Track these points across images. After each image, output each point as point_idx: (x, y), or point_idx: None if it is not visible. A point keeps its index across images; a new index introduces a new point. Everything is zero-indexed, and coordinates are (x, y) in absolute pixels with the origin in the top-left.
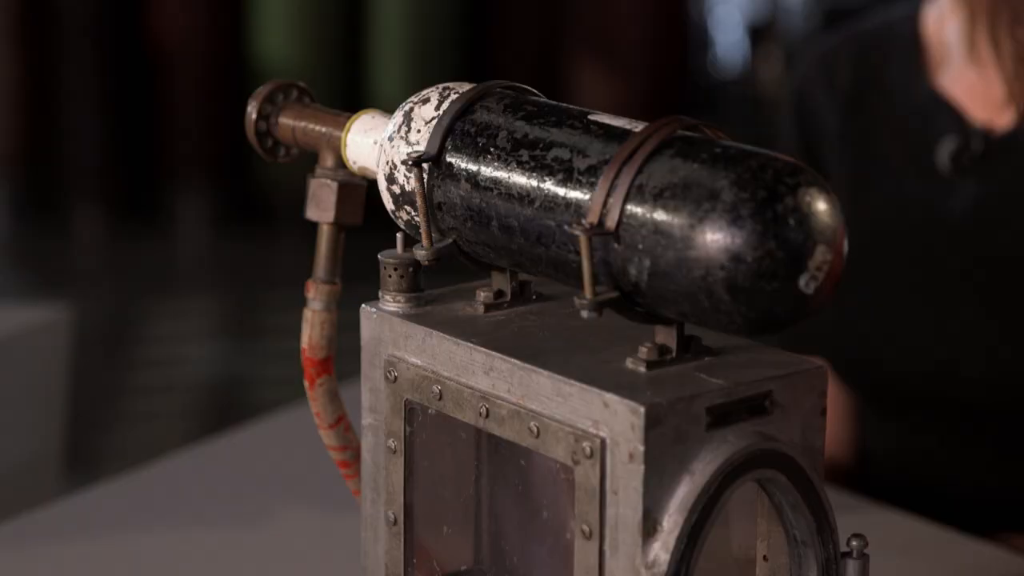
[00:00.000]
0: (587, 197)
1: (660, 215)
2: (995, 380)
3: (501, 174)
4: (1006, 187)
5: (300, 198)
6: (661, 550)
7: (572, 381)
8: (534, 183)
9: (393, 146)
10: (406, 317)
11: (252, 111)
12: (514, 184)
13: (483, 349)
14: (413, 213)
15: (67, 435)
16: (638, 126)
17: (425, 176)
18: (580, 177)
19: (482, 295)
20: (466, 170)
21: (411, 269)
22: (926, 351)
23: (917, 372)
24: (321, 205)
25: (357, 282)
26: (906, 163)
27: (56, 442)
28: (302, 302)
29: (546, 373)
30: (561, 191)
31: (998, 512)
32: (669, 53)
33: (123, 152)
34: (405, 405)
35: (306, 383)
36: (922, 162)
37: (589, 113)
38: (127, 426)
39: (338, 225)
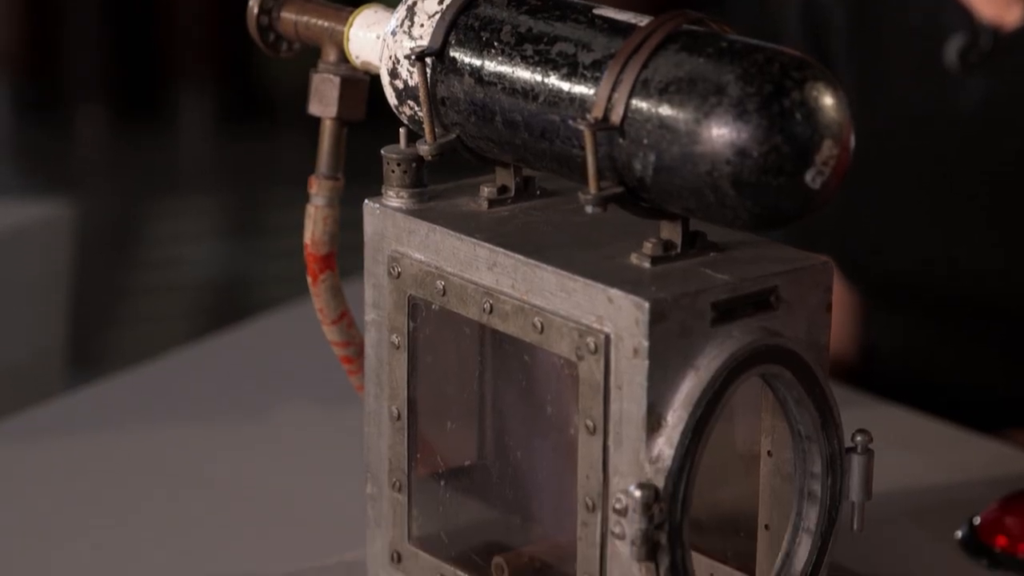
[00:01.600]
0: (592, 92)
1: (665, 110)
2: (1002, 277)
3: (505, 69)
4: (1015, 85)
5: (302, 96)
6: (665, 445)
7: (576, 276)
8: (538, 78)
9: (396, 40)
10: (409, 213)
11: (254, 6)
12: (518, 79)
13: (487, 244)
14: (416, 108)
15: (70, 334)
16: (643, 20)
17: (428, 71)
18: (585, 72)
19: (486, 190)
20: (470, 65)
21: (414, 164)
22: (933, 248)
23: (923, 270)
24: (323, 100)
25: (358, 180)
26: (914, 61)
27: (59, 340)
28: (305, 200)
29: (550, 268)
30: (565, 86)
31: (1003, 409)
32: None
33: (125, 51)
34: (408, 301)
35: (309, 279)
36: (930, 60)
37: (594, 7)
38: (130, 325)
39: (340, 120)
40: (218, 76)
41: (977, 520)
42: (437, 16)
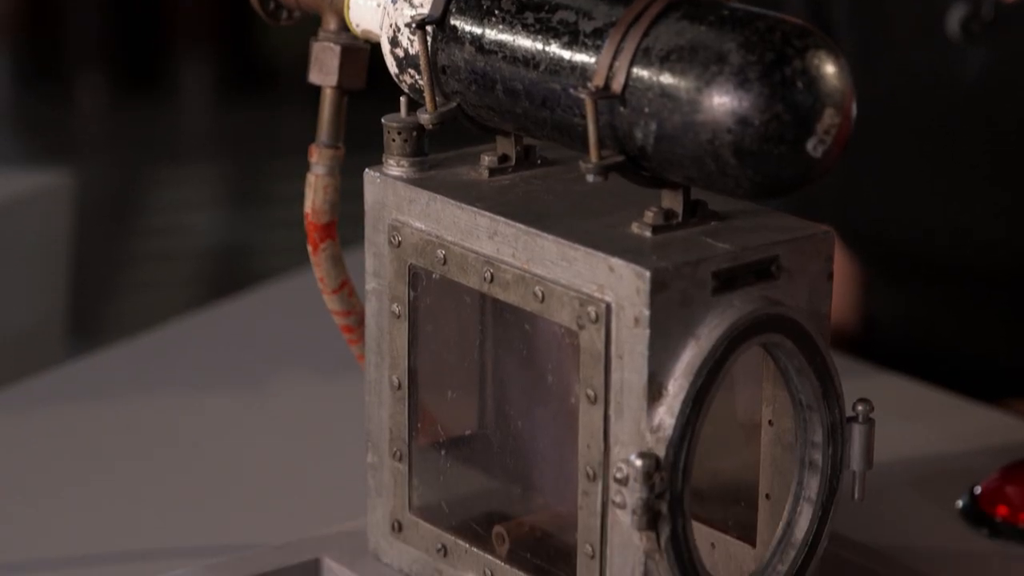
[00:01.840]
0: (593, 60)
1: (666, 78)
2: (1004, 245)
3: (506, 37)
4: (1017, 54)
5: (303, 65)
6: (666, 414)
7: (577, 245)
8: (539, 46)
9: (397, 9)
10: (410, 181)
11: None
12: (519, 47)
13: (487, 213)
14: (417, 77)
15: (70, 302)
16: None
17: (429, 39)
18: (586, 40)
19: (486, 159)
20: (470, 33)
21: (415, 133)
22: (934, 217)
23: (925, 238)
24: (324, 69)
25: (358, 151)
26: (915, 30)
27: (59, 309)
28: (305, 169)
29: (551, 237)
30: (566, 54)
31: (1004, 378)
32: None
33: (125, 19)
34: (409, 270)
35: (309, 248)
36: (932, 29)
37: None
38: (130, 294)
39: (341, 89)
40: (218, 45)
41: (978, 489)
42: None
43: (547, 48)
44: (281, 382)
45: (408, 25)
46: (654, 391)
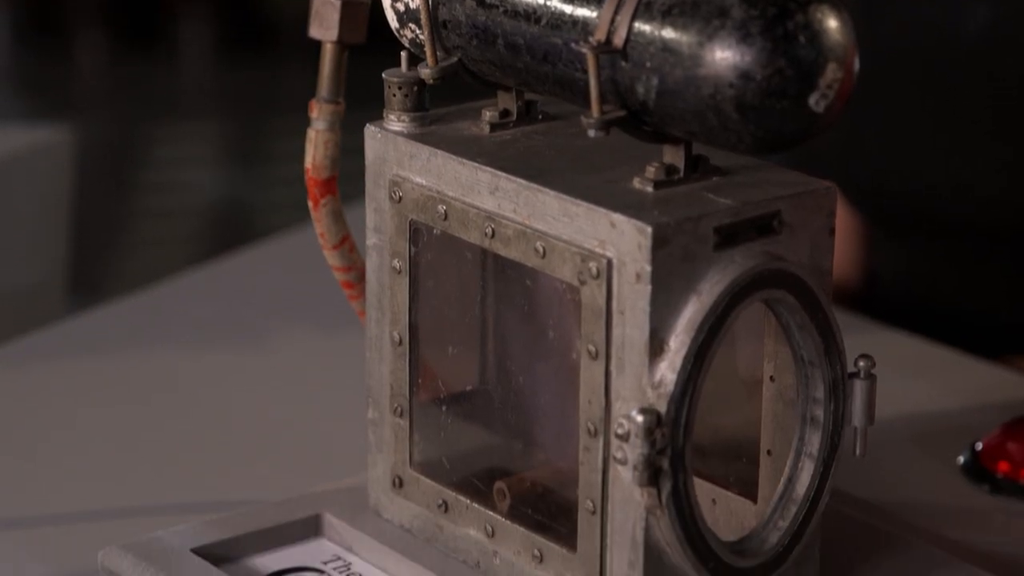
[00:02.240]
0: (594, 14)
1: (668, 32)
2: (1006, 200)
3: None
4: (1020, 9)
5: (303, 21)
6: (668, 370)
7: (579, 201)
8: (540, 0)
9: None
10: (410, 136)
11: None
12: (520, 1)
13: (489, 168)
14: (417, 31)
15: (71, 259)
16: None
17: None
18: None
19: (487, 114)
20: None
21: (415, 88)
22: (938, 173)
23: (927, 194)
24: (324, 23)
25: (359, 107)
26: None
27: (59, 266)
28: (306, 125)
29: (552, 193)
30: (568, 8)
31: (1007, 334)
32: None
33: None
34: (410, 225)
35: (310, 204)
36: None
37: None
38: (131, 251)
39: (341, 44)
40: (219, 1)
41: (979, 445)
42: None
43: (548, 2)
44: (282, 338)
45: None
46: (655, 347)
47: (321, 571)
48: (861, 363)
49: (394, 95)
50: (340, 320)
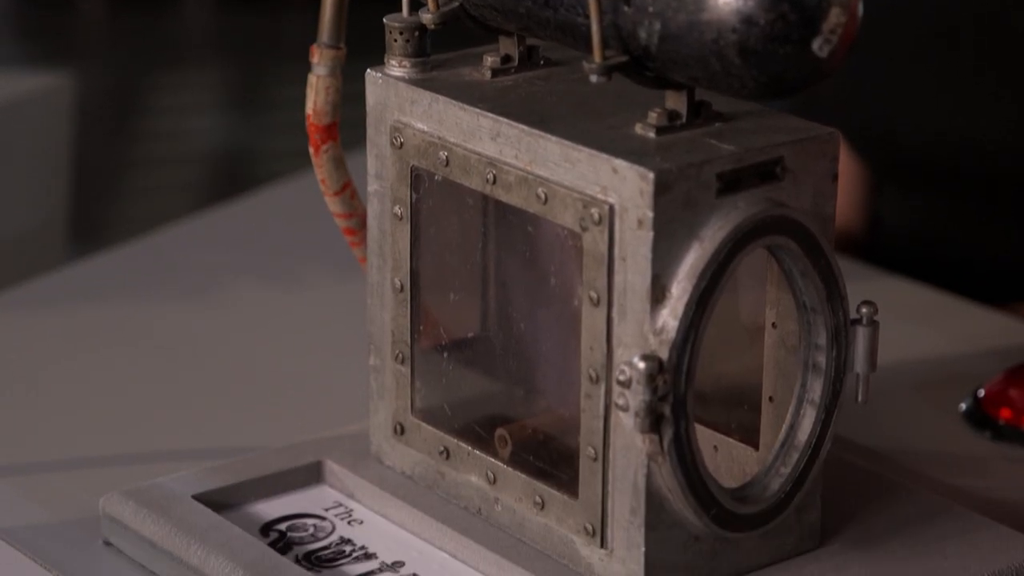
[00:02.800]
0: None
1: None
2: (1012, 148)
3: None
4: None
5: None
6: (669, 316)
7: (580, 147)
8: None
9: None
10: (412, 82)
11: None
12: None
13: (490, 114)
14: None
15: (72, 206)
16: None
17: None
18: None
19: (489, 60)
20: None
21: (417, 33)
22: (944, 122)
23: (933, 141)
24: None
25: (360, 56)
26: None
27: (61, 212)
28: (307, 73)
29: (554, 138)
30: None
31: (1011, 282)
32: None
33: None
34: (411, 171)
35: (311, 150)
36: None
37: None
38: (131, 198)
39: None
40: None
41: (981, 392)
42: None
43: None
44: (282, 285)
45: None
46: (657, 293)
47: (322, 517)
48: (864, 310)
49: (395, 40)
50: (342, 267)
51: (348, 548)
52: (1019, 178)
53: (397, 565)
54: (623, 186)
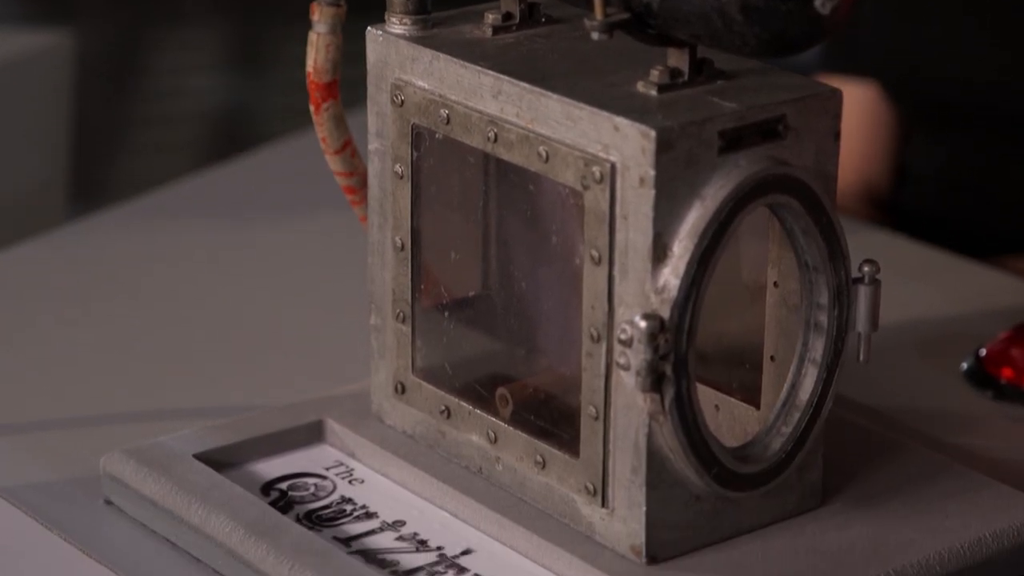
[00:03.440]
0: None
1: None
2: None
3: None
4: None
5: None
6: (671, 275)
7: (582, 104)
8: None
9: None
10: (412, 40)
11: None
12: None
13: (491, 72)
14: None
15: (72, 165)
16: None
17: None
18: None
19: (490, 17)
20: None
21: None
22: (980, 66)
23: (966, 86)
24: None
25: (361, 14)
26: None
27: (61, 170)
28: (308, 31)
29: (555, 96)
30: None
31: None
32: None
33: None
34: (412, 129)
35: (312, 108)
36: None
37: None
38: (131, 157)
39: None
40: None
41: (983, 352)
42: None
43: None
44: (283, 244)
45: None
46: (659, 252)
47: (323, 477)
48: (865, 268)
49: None
50: (342, 225)
51: (349, 507)
52: None
53: (398, 524)
54: (625, 144)
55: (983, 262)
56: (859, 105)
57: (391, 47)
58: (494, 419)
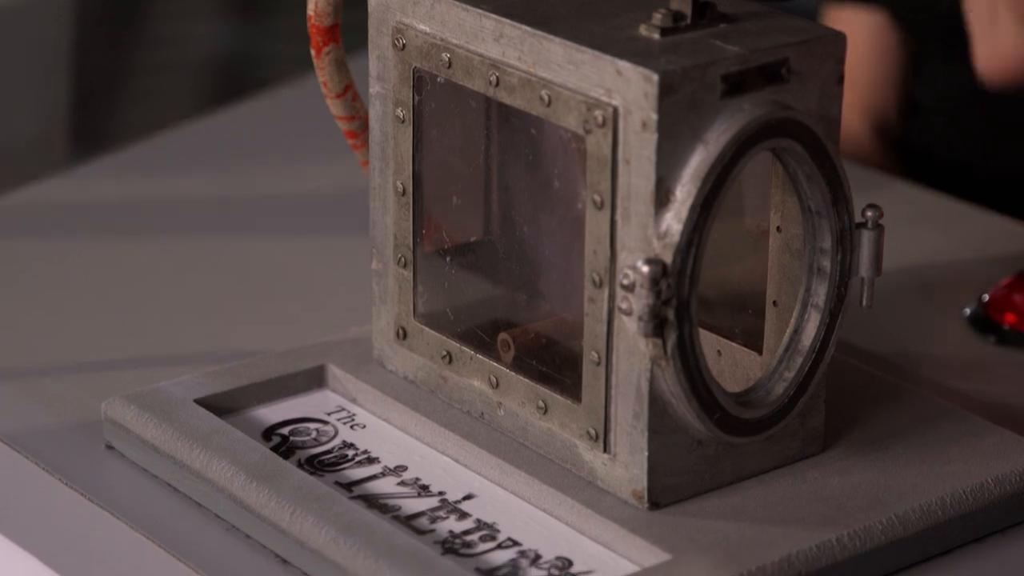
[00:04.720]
0: None
1: None
2: None
3: None
4: None
5: None
6: (673, 220)
7: (584, 48)
8: None
9: None
10: None
11: None
12: None
13: (493, 16)
14: None
15: (73, 112)
16: None
17: None
18: None
19: None
20: None
21: None
22: None
23: None
24: None
25: None
26: None
27: (61, 117)
28: None
29: (557, 40)
30: None
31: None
32: None
33: None
34: (413, 73)
35: (313, 52)
36: None
37: None
38: (131, 103)
39: None
40: None
41: (986, 297)
42: None
43: None
44: (285, 189)
45: None
46: (661, 196)
47: (325, 422)
48: (869, 213)
49: None
50: (344, 170)
51: (350, 452)
52: None
53: (399, 469)
54: (627, 88)
55: (987, 206)
56: (867, 32)
57: None
58: (496, 364)
